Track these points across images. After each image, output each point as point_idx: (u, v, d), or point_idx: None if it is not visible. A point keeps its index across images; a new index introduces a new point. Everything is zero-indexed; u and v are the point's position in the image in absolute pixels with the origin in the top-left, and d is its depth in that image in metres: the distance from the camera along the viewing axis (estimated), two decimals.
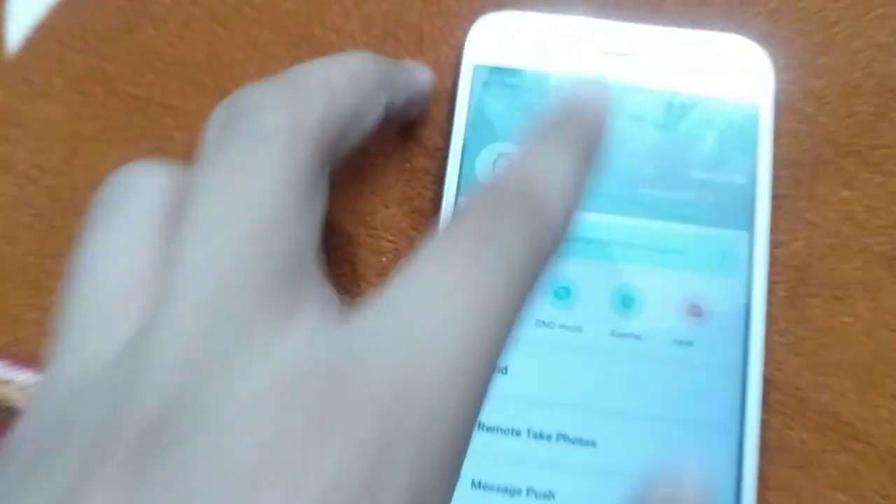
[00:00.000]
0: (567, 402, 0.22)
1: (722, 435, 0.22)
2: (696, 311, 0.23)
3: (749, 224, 0.24)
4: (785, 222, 0.25)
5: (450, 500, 0.14)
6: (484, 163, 0.24)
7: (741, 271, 0.23)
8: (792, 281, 0.24)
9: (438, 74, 0.26)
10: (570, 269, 0.23)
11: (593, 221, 0.24)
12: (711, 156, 0.24)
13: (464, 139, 0.24)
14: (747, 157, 0.24)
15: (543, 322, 0.23)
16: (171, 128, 0.26)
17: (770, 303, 0.24)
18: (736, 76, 0.25)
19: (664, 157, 0.24)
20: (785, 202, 0.25)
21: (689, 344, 0.23)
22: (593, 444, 0.22)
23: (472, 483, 0.22)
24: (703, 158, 0.24)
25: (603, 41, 0.25)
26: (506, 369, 0.23)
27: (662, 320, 0.23)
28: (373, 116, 0.20)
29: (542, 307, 0.23)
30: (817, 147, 0.25)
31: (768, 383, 0.23)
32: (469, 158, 0.24)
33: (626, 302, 0.23)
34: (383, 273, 0.25)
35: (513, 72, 0.25)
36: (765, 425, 0.23)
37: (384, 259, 0.25)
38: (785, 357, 0.24)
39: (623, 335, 0.23)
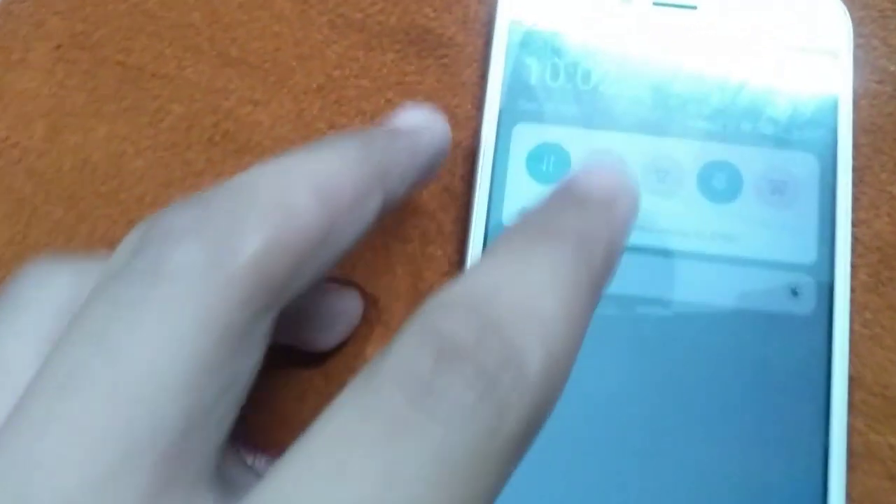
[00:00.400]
0: (625, 414, 0.20)
1: (803, 441, 0.19)
2: (770, 304, 0.20)
3: (829, 200, 0.21)
4: (865, 197, 0.22)
5: None
6: (523, 138, 0.21)
7: (820, 256, 0.20)
8: (875, 264, 0.21)
9: (468, 33, 0.23)
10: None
11: (645, 211, 0.21)
12: (783, 122, 0.21)
13: (500, 108, 0.21)
14: (824, 123, 0.21)
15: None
16: (166, 100, 0.23)
17: (852, 290, 0.21)
18: (808, 31, 0.22)
19: (730, 125, 0.21)
20: (865, 174, 0.22)
21: (764, 341, 0.20)
22: (655, 453, 0.19)
23: None
24: (774, 126, 0.21)
25: None
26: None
27: (732, 313, 0.20)
28: (356, 229, 0.14)
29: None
30: None
31: (851, 381, 0.20)
32: (506, 130, 0.21)
33: (688, 295, 0.20)
34: (410, 263, 0.22)
35: (556, 28, 0.22)
36: (852, 431, 0.20)
37: (409, 246, 0.22)
38: (870, 351, 0.21)
39: (687, 332, 0.20)
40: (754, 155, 0.21)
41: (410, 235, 0.22)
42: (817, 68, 0.21)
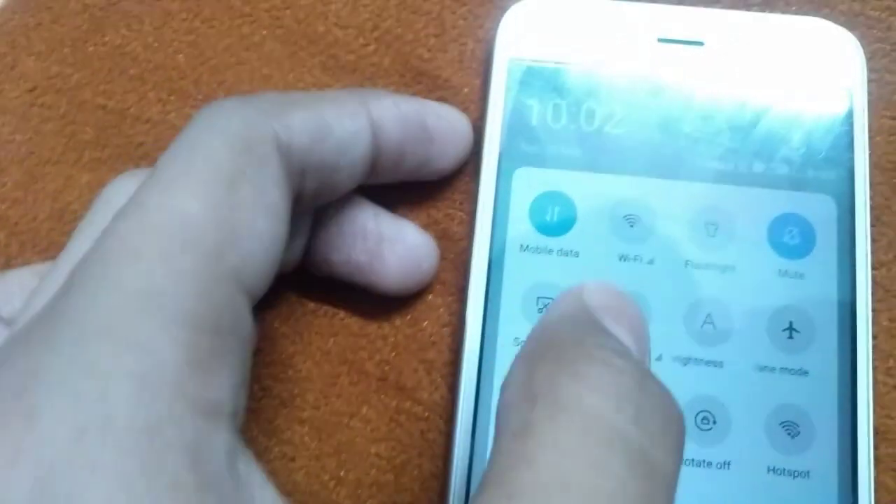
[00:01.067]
0: None
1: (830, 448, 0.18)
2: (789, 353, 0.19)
3: (847, 244, 0.20)
4: (884, 238, 0.21)
5: None
6: (524, 186, 0.20)
7: (840, 301, 0.19)
8: None
9: (465, 73, 0.22)
10: None
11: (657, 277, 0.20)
12: (797, 162, 0.20)
13: (500, 150, 0.20)
14: (840, 161, 0.20)
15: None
16: (149, 146, 0.22)
17: (874, 336, 0.20)
18: (820, 67, 0.21)
19: (741, 166, 0.20)
20: (883, 214, 0.21)
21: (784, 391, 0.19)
22: None
23: None
24: (788, 166, 0.20)
25: (662, 27, 0.21)
26: None
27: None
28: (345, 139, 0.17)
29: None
30: None
31: (877, 435, 0.19)
32: (506, 173, 0.20)
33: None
34: (407, 313, 0.20)
35: (557, 66, 0.21)
36: (879, 487, 0.19)
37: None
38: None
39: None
40: (768, 197, 0.20)
41: None
42: (831, 105, 0.20)
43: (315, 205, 0.18)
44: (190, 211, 0.13)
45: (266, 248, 0.14)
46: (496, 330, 0.19)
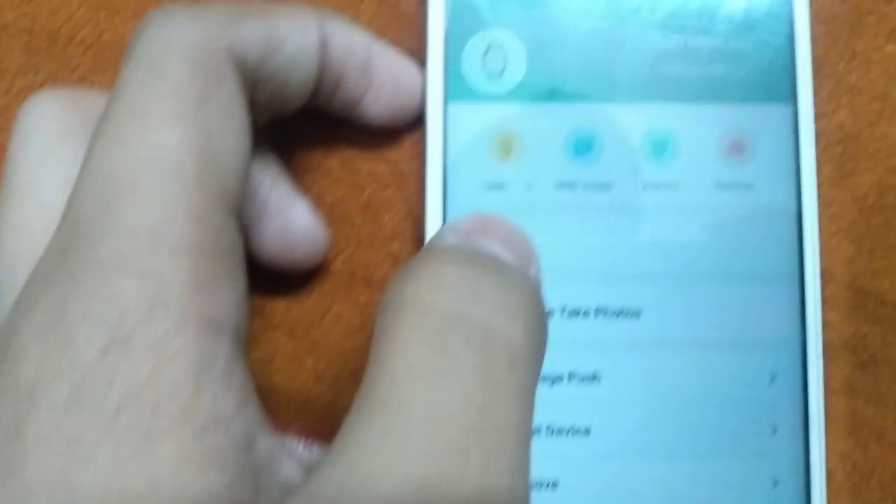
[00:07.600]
0: (602, 271, 0.19)
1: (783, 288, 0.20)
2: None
3: (790, 95, 0.20)
4: (824, 90, 0.21)
5: None
6: (473, 57, 0.20)
7: (783, 151, 0.20)
8: (838, 157, 0.21)
9: None
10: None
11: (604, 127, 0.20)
12: (740, 18, 0.20)
13: (445, 28, 0.20)
14: (781, 14, 0.20)
15: (565, 183, 0.20)
16: (86, 68, 0.21)
17: (818, 185, 0.21)
18: None
19: (685, 24, 0.20)
20: (822, 66, 0.21)
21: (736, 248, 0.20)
22: (637, 314, 0.19)
23: None
24: (730, 22, 0.20)
25: None
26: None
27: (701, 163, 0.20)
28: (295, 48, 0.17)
29: (562, 165, 0.20)
30: None
31: (822, 275, 0.20)
32: (454, 52, 0.20)
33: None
34: (367, 209, 0.21)
35: None
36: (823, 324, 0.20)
37: (364, 194, 0.21)
38: (838, 245, 0.21)
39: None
40: (713, 53, 0.20)
41: (364, 182, 0.21)
42: None
43: (262, 122, 0.18)
44: (170, 143, 0.14)
45: (240, 167, 0.15)
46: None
